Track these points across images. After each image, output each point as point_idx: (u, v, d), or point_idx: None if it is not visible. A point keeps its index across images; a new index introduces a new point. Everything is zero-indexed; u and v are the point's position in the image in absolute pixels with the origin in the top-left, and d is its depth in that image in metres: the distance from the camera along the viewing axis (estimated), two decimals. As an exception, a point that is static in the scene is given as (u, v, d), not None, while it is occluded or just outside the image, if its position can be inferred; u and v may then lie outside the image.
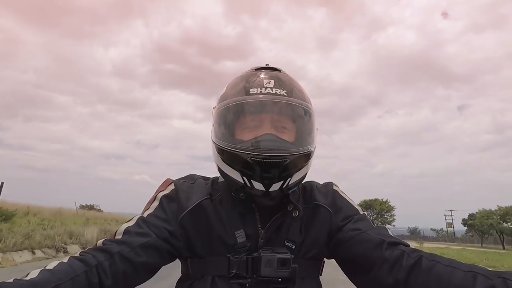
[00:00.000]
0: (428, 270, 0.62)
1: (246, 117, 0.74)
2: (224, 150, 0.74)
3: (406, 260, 0.66)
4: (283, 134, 0.74)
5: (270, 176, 0.70)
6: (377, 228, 0.77)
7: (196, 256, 0.76)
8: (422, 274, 0.62)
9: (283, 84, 0.76)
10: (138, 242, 0.69)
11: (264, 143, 0.70)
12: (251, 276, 0.72)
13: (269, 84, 0.75)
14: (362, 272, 0.73)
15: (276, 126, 0.74)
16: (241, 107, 0.75)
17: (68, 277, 0.57)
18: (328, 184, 0.89)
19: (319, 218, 0.81)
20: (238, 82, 0.79)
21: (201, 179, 0.86)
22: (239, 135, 0.74)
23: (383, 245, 0.71)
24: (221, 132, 0.77)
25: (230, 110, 0.76)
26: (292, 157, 0.70)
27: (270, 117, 0.74)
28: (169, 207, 0.77)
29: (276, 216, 0.78)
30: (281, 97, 0.74)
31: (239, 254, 0.73)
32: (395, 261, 0.67)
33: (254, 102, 0.74)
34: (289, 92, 0.75)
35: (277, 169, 0.69)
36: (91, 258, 0.63)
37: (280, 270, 0.70)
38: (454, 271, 0.59)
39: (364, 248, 0.73)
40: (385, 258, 0.69)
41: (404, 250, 0.68)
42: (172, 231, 0.74)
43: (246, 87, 0.76)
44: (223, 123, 0.77)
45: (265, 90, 0.74)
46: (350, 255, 0.76)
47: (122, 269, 0.65)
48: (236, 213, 0.77)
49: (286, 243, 0.76)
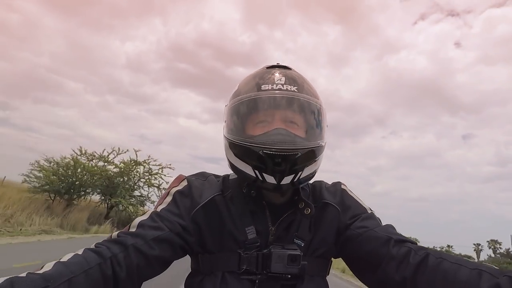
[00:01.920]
0: (435, 267, 0.63)
1: (258, 112, 0.76)
2: (236, 144, 0.75)
3: (413, 257, 0.66)
4: (293, 129, 0.75)
5: (282, 170, 0.70)
6: (385, 226, 0.78)
7: (207, 251, 0.77)
8: (428, 271, 0.63)
9: (294, 81, 0.78)
10: (151, 235, 0.69)
11: (276, 137, 0.71)
12: (261, 272, 0.73)
13: (281, 80, 0.77)
14: (369, 270, 0.74)
15: (287, 121, 0.75)
16: (253, 103, 0.76)
17: (81, 270, 0.57)
18: (337, 183, 0.91)
19: (328, 216, 0.82)
20: (251, 79, 0.81)
21: (213, 176, 0.87)
22: (251, 130, 0.76)
23: (390, 242, 0.71)
24: (233, 127, 0.78)
25: (243, 106, 0.77)
26: (303, 151, 0.71)
27: (281, 112, 0.75)
28: (182, 202, 0.78)
29: (286, 214, 0.79)
30: (292, 93, 0.76)
31: (249, 250, 0.74)
32: (402, 258, 0.68)
33: (265, 97, 0.76)
34: (300, 88, 0.77)
35: (288, 162, 0.70)
36: (105, 250, 0.63)
37: (290, 266, 0.71)
38: (460, 268, 0.60)
39: (372, 246, 0.73)
40: (392, 255, 0.69)
41: (411, 248, 0.69)
42: (184, 225, 0.75)
43: (258, 83, 0.78)
44: (236, 118, 0.78)
45: (276, 86, 0.76)
46: (358, 252, 0.77)
47: (136, 261, 0.65)
48: (247, 209, 0.78)
49: (296, 241, 0.77)
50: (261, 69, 0.85)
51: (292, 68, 0.85)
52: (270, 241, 0.76)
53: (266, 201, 0.79)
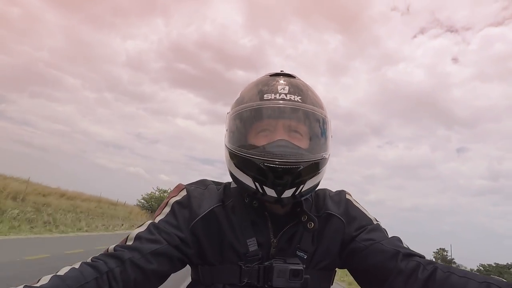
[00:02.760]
0: (443, 282, 0.61)
1: (259, 122, 0.73)
2: (237, 155, 0.72)
3: (422, 272, 0.64)
4: (296, 140, 0.72)
5: (283, 183, 0.68)
6: (391, 238, 0.76)
7: (207, 263, 0.75)
8: (437, 286, 0.61)
9: (298, 91, 0.75)
10: (149, 249, 0.67)
11: (278, 149, 0.68)
12: (263, 286, 0.70)
13: (284, 90, 0.74)
14: (376, 283, 0.71)
15: (289, 132, 0.72)
16: (255, 112, 0.73)
17: (78, 284, 0.56)
18: (341, 192, 0.87)
19: (332, 228, 0.79)
20: (253, 87, 0.78)
21: (213, 184, 0.84)
22: (253, 141, 0.73)
23: (398, 256, 0.69)
24: (234, 137, 0.76)
25: (244, 115, 0.75)
26: (305, 164, 0.69)
27: (283, 122, 0.72)
28: (180, 213, 0.75)
29: (289, 226, 0.76)
30: (295, 103, 0.72)
31: (250, 262, 0.72)
32: (410, 273, 0.66)
33: (268, 107, 0.73)
34: (304, 98, 0.74)
35: (290, 175, 0.67)
36: (102, 264, 0.62)
37: (292, 281, 0.69)
38: (468, 282, 0.58)
39: (379, 259, 0.71)
40: (400, 270, 0.67)
41: (420, 262, 0.67)
42: (183, 238, 0.72)
43: (261, 92, 0.75)
44: (237, 128, 0.76)
45: (279, 96, 0.73)
46: (364, 265, 0.74)
47: (133, 276, 0.64)
48: (248, 221, 0.76)
49: (298, 253, 0.75)
50: (265, 76, 0.82)
51: (296, 76, 0.82)
52: (272, 254, 0.74)
53: (268, 212, 0.77)
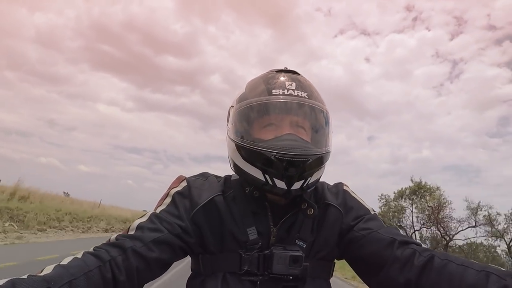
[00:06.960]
0: (440, 269, 0.62)
1: (267, 116, 0.75)
2: (245, 147, 0.74)
3: (418, 259, 0.66)
4: (301, 134, 0.75)
5: (293, 175, 0.70)
6: (388, 227, 0.77)
7: (208, 252, 0.76)
8: (434, 273, 0.62)
9: (304, 87, 0.78)
10: (150, 237, 0.69)
11: (288, 143, 0.71)
12: (263, 273, 0.72)
13: (291, 86, 0.77)
14: (373, 272, 0.73)
15: (296, 126, 0.75)
16: (264, 107, 0.76)
17: (81, 272, 0.57)
18: (339, 184, 0.90)
19: (330, 217, 0.81)
20: (259, 82, 0.80)
21: (214, 176, 0.86)
22: (260, 134, 0.75)
23: (394, 244, 0.70)
24: (242, 130, 0.77)
25: (253, 109, 0.77)
26: (313, 157, 0.72)
27: (291, 117, 0.75)
28: (181, 203, 0.77)
29: (288, 215, 0.78)
30: (303, 99, 0.75)
31: (250, 251, 0.74)
32: (406, 260, 0.67)
33: (277, 102, 0.75)
34: (310, 94, 0.77)
35: (299, 168, 0.70)
36: (104, 253, 0.63)
37: (292, 268, 0.70)
38: (466, 270, 0.59)
39: (375, 247, 0.72)
40: (396, 257, 0.68)
41: (416, 249, 0.68)
42: (184, 227, 0.74)
43: (269, 88, 0.77)
44: (246, 121, 0.77)
45: (287, 91, 0.75)
46: (361, 254, 0.76)
47: (135, 264, 0.65)
48: (248, 210, 0.78)
49: (298, 242, 0.76)
50: (269, 72, 0.84)
51: (300, 73, 0.84)
52: (272, 242, 0.76)
53: (268, 202, 0.78)
